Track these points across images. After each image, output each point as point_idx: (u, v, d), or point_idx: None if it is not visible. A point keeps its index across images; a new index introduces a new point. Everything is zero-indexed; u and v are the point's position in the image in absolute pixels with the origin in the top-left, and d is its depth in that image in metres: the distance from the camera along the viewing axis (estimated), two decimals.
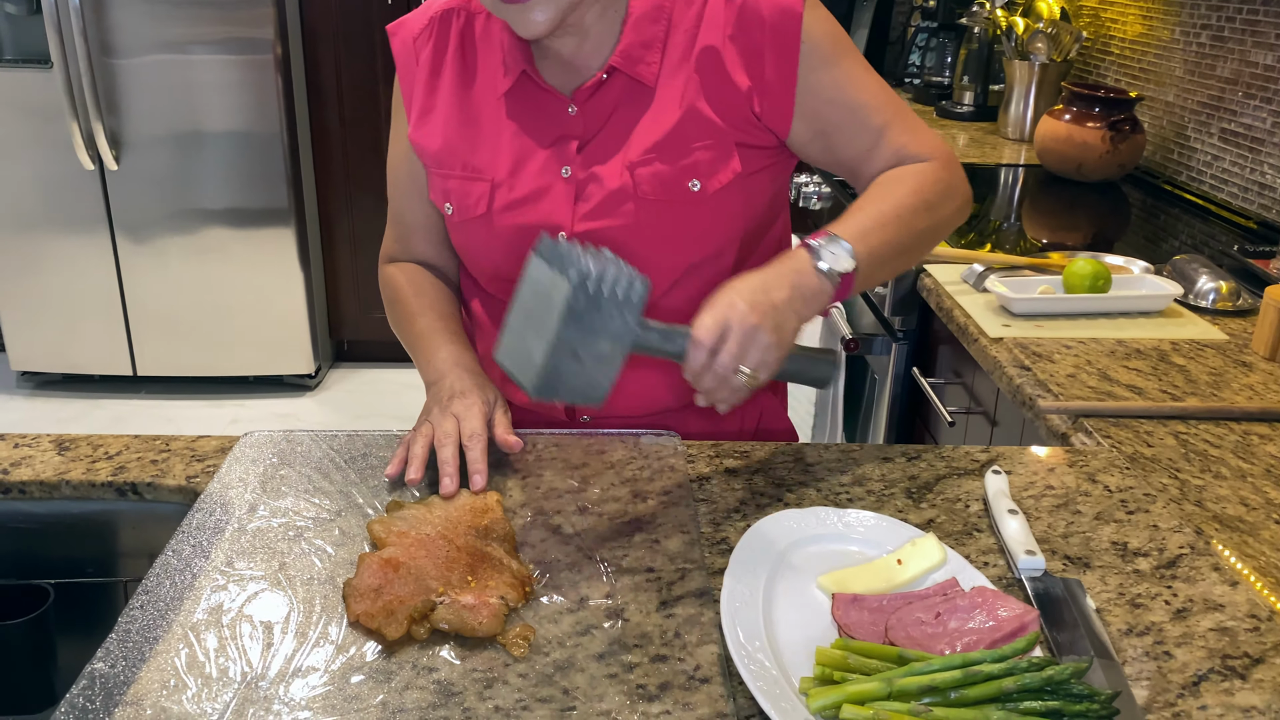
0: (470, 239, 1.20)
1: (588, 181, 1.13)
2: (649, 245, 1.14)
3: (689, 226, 1.14)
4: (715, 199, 1.13)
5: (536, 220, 1.15)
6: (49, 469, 1.07)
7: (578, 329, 0.89)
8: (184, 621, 0.84)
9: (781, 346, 0.97)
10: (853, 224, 1.06)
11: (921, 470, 1.10)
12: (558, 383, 0.91)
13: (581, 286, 0.87)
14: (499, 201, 1.15)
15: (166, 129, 3.29)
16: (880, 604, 0.85)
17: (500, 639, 0.81)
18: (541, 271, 0.91)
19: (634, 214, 1.12)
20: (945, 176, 1.15)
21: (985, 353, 1.46)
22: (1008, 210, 2.39)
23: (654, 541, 0.95)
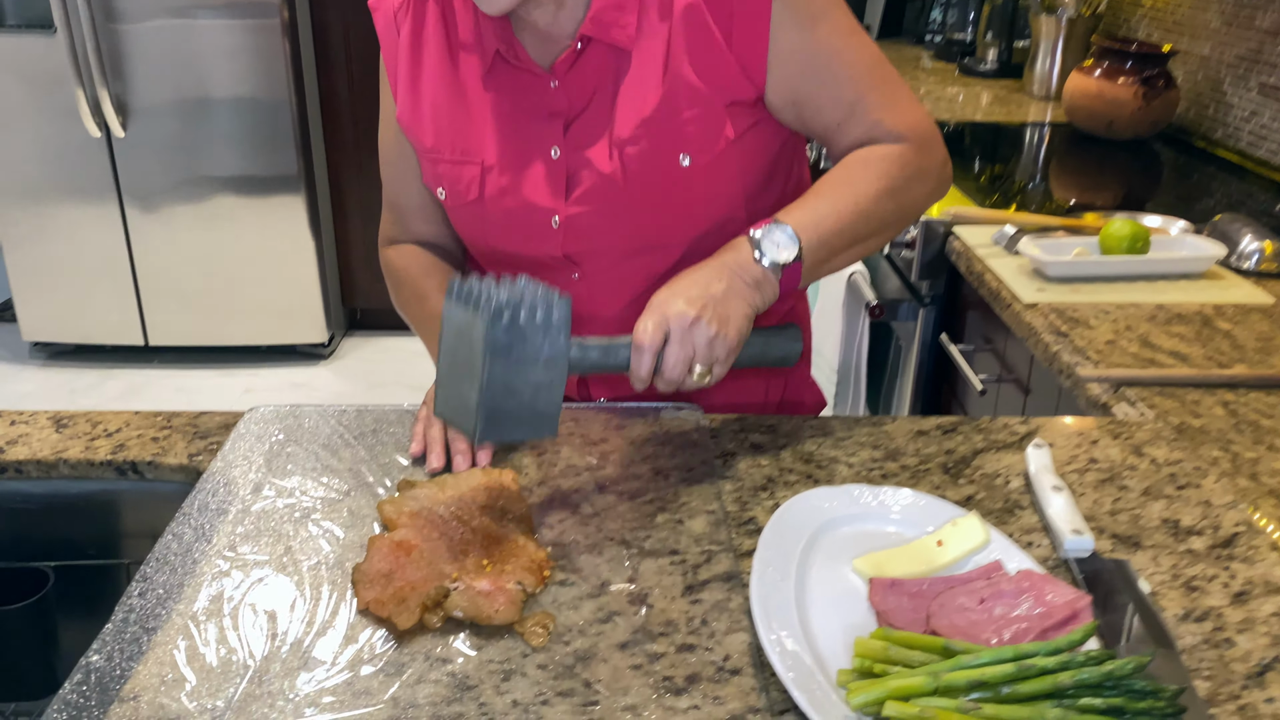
0: (466, 222, 1.15)
1: (577, 163, 1.07)
2: (646, 223, 1.08)
3: (685, 201, 1.08)
4: (709, 170, 1.07)
5: (528, 204, 1.09)
6: (46, 447, 1.03)
7: (505, 364, 0.85)
8: (184, 611, 0.79)
9: (729, 337, 0.93)
10: (805, 211, 1.01)
11: (958, 444, 1.04)
12: (500, 423, 0.87)
13: (496, 319, 0.83)
14: (490, 186, 1.10)
15: (173, 95, 3.23)
16: (920, 589, 0.80)
17: (518, 627, 0.77)
18: (457, 314, 0.87)
19: (625, 195, 1.07)
20: (917, 160, 1.07)
21: (1019, 319, 1.40)
22: (1033, 170, 2.31)
23: (677, 522, 0.90)
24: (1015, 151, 2.42)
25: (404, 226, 1.23)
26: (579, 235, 1.09)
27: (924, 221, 1.70)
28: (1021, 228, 1.59)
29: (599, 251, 1.10)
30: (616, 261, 1.11)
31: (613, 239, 1.09)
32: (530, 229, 1.10)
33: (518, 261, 1.13)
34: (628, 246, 1.09)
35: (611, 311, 1.14)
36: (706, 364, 0.93)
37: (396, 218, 1.23)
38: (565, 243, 1.09)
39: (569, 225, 1.08)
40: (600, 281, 1.12)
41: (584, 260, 1.11)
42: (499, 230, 1.12)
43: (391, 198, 1.23)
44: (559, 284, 1.12)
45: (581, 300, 1.13)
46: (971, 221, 1.66)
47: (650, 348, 0.91)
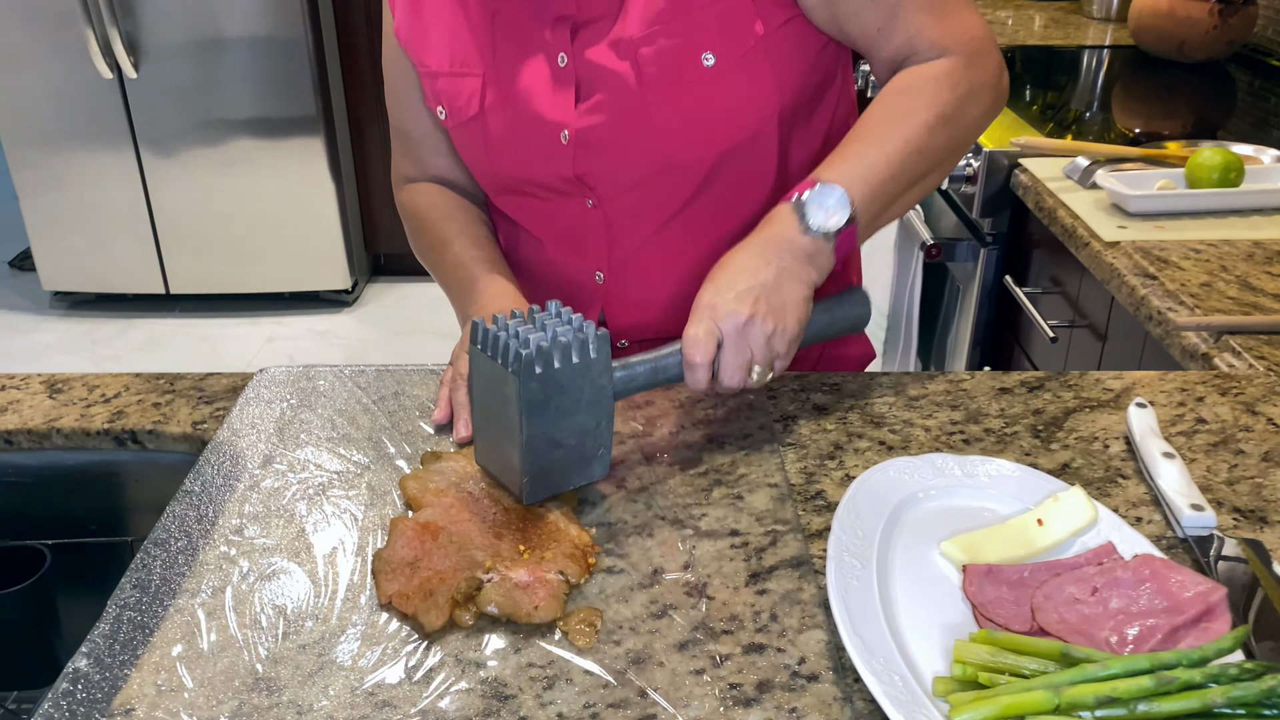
0: (468, 145, 1.04)
1: (587, 70, 0.95)
2: (666, 135, 0.96)
3: (709, 110, 0.95)
4: (737, 72, 0.94)
5: (533, 117, 0.98)
6: (38, 415, 0.94)
7: (545, 419, 0.75)
8: (183, 606, 0.70)
9: (789, 328, 0.83)
10: (850, 162, 0.89)
11: (1046, 403, 0.93)
12: (549, 478, 0.78)
13: (528, 375, 0.73)
14: (491, 99, 0.99)
15: (185, 35, 3.11)
16: (1021, 576, 0.70)
17: (561, 625, 0.67)
18: (485, 365, 0.77)
19: (641, 103, 0.94)
20: (968, 76, 0.93)
21: (1099, 259, 1.27)
22: (1091, 97, 2.16)
23: (736, 497, 0.80)
24: (1072, 77, 2.26)
25: (417, 161, 1.13)
26: (591, 151, 0.97)
27: (987, 153, 1.56)
28: (1096, 159, 1.45)
29: (614, 171, 0.99)
30: (635, 183, 0.99)
31: (629, 155, 0.97)
32: (537, 146, 0.98)
33: (526, 188, 1.02)
34: (646, 164, 0.98)
35: (631, 244, 1.03)
36: (767, 363, 0.83)
37: (407, 151, 1.13)
38: (576, 160, 0.98)
39: (579, 140, 0.97)
40: (618, 208, 1.01)
41: (598, 181, 0.99)
42: (503, 151, 1.01)
43: (398, 125, 1.12)
44: (572, 214, 1.02)
45: (598, 232, 1.02)
46: (1040, 153, 1.53)
47: (704, 360, 0.81)
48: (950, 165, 0.98)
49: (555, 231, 1.05)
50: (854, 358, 1.19)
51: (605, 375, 0.77)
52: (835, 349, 1.17)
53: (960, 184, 1.65)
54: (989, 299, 1.68)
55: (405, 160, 1.13)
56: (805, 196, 0.86)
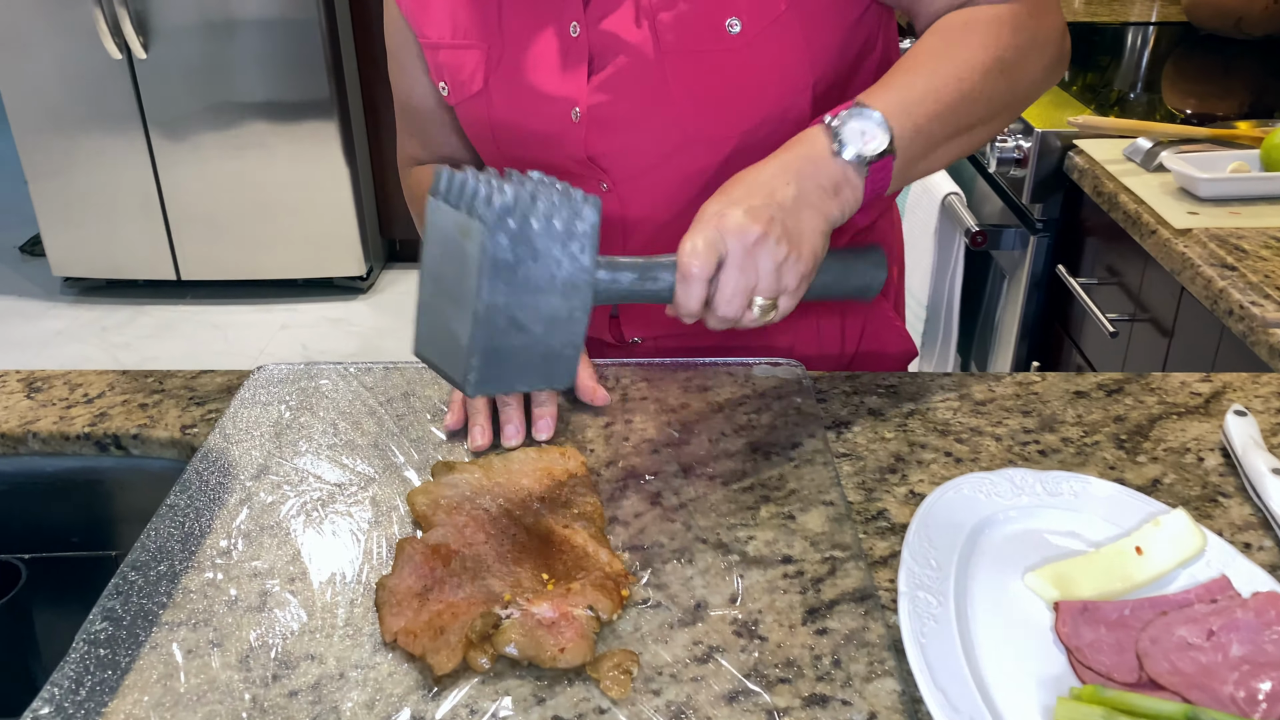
0: (473, 124, 0.95)
1: (601, 40, 0.87)
2: (686, 110, 0.86)
3: (734, 81, 0.86)
4: (764, 39, 0.85)
5: (541, 93, 0.89)
6: (13, 417, 0.85)
7: (510, 286, 0.63)
8: (160, 642, 0.62)
9: (802, 259, 0.71)
10: (895, 91, 0.77)
11: (1128, 408, 0.83)
12: (501, 368, 0.65)
13: (499, 225, 0.61)
14: (495, 73, 0.91)
15: (196, 14, 3.02)
16: (1122, 615, 0.60)
17: (591, 670, 0.58)
18: (446, 217, 0.64)
19: (660, 74, 0.85)
20: (1031, 23, 0.83)
21: (1168, 247, 1.17)
22: (1137, 76, 2.04)
23: (787, 517, 0.71)
24: (1115, 56, 2.14)
25: (424, 140, 1.03)
26: (605, 130, 0.88)
27: (1039, 134, 1.46)
28: (1159, 140, 1.35)
29: (630, 151, 0.89)
30: (652, 164, 0.90)
31: (646, 133, 0.88)
32: (545, 124, 0.90)
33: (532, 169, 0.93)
34: (664, 142, 0.88)
35: (646, 232, 0.94)
36: (772, 295, 0.70)
37: (413, 129, 1.04)
38: (589, 140, 0.89)
39: (592, 117, 0.88)
40: (633, 192, 0.92)
41: (612, 164, 0.90)
42: (509, 129, 0.93)
43: (403, 100, 1.03)
44: None
45: (611, 219, 0.93)
46: (1098, 133, 1.42)
47: (701, 274, 0.68)
48: (1002, 123, 0.87)
49: None
50: (894, 355, 1.09)
51: (589, 254, 0.64)
52: (874, 345, 1.07)
53: (1009, 167, 1.55)
54: (1037, 290, 1.58)
55: (411, 140, 1.05)
56: (839, 119, 0.74)
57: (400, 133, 1.06)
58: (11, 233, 3.90)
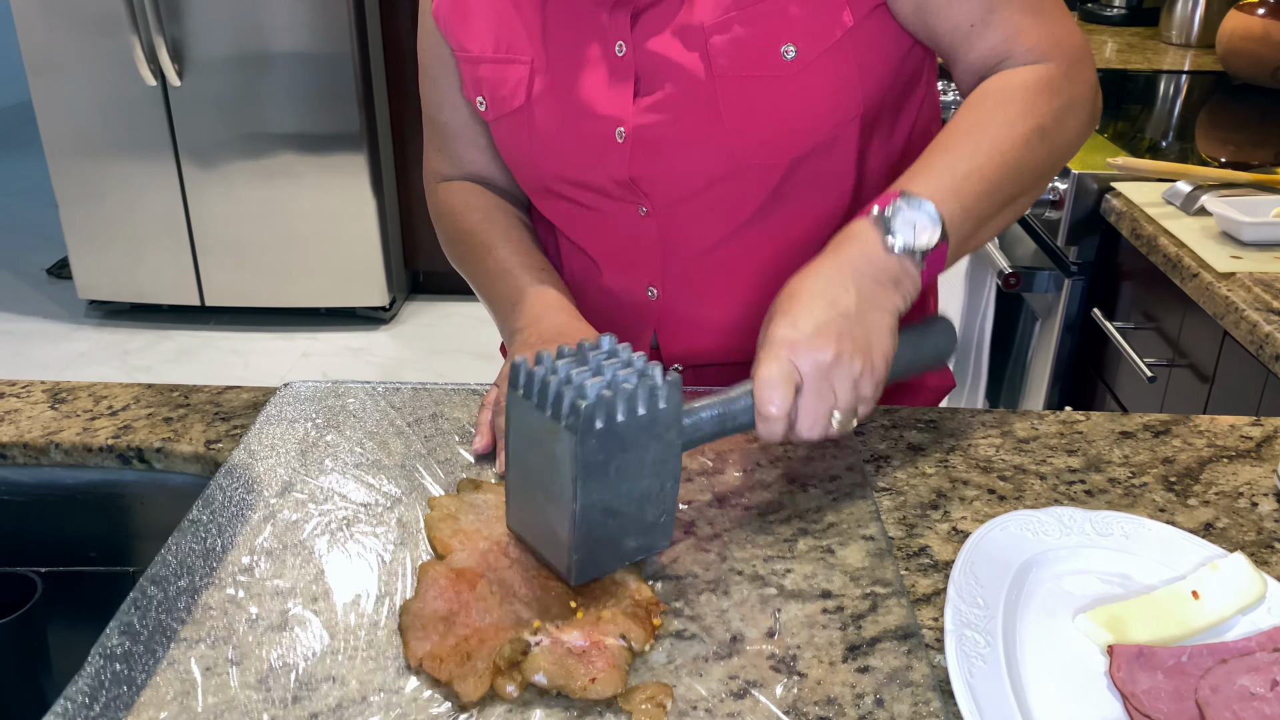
0: (511, 141, 0.93)
1: (649, 60, 0.85)
2: (737, 136, 0.85)
3: (786, 108, 0.84)
4: (818, 68, 0.83)
5: (585, 111, 0.87)
6: (36, 427, 0.84)
7: (603, 483, 0.62)
8: (178, 659, 0.60)
9: (877, 368, 0.70)
10: (939, 175, 0.76)
11: (1177, 450, 0.81)
12: (600, 555, 0.64)
13: (588, 429, 0.59)
14: (539, 89, 0.89)
15: (231, 45, 3.06)
16: (1179, 661, 0.58)
17: (623, 703, 0.56)
18: (528, 416, 0.63)
19: (711, 98, 0.84)
20: (1068, 87, 0.83)
21: (1210, 292, 1.15)
22: (1169, 124, 2.03)
23: (826, 551, 0.68)
24: (1148, 103, 2.13)
25: (452, 157, 1.01)
26: (650, 152, 0.86)
27: (1076, 176, 1.44)
28: (1200, 183, 1.33)
29: (674, 175, 0.87)
30: (696, 190, 0.87)
31: (692, 158, 0.86)
32: (587, 144, 0.88)
33: (572, 191, 0.92)
34: (712, 168, 0.86)
35: (688, 257, 0.92)
36: (851, 410, 0.69)
37: (442, 144, 1.01)
38: (632, 162, 0.87)
39: (637, 139, 0.86)
40: (675, 217, 0.90)
41: (654, 187, 0.88)
42: (549, 147, 0.90)
43: (433, 115, 1.01)
44: (623, 222, 0.90)
45: (652, 243, 0.91)
46: (1136, 176, 1.40)
47: (779, 413, 0.67)
48: (1042, 187, 0.87)
49: (603, 241, 0.95)
50: (933, 388, 1.07)
51: (675, 429, 0.64)
52: (912, 378, 1.05)
53: (1044, 209, 1.53)
54: (1071, 333, 1.56)
55: (439, 156, 1.02)
56: (890, 210, 0.74)
57: (428, 148, 1.04)
58: (39, 255, 3.94)
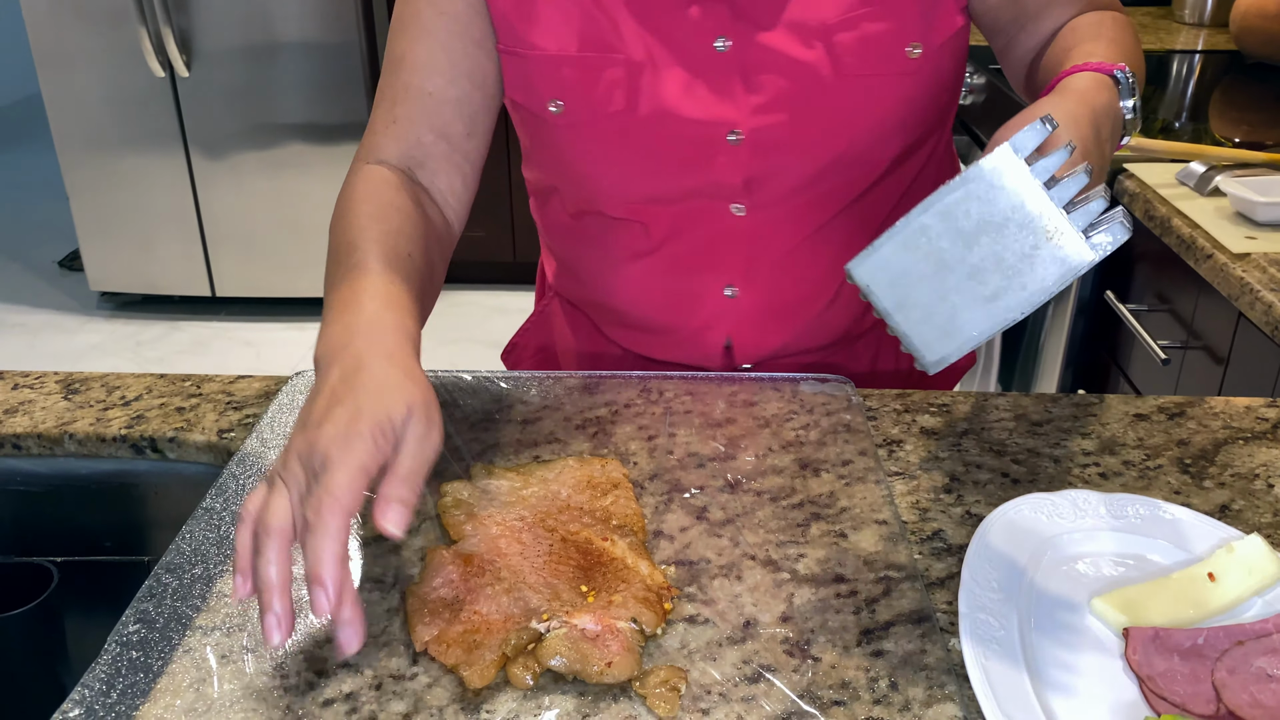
0: (598, 148, 0.85)
1: (755, 56, 0.81)
2: (851, 135, 0.83)
3: (903, 105, 0.83)
4: (932, 65, 0.83)
5: (693, 115, 0.82)
6: (50, 418, 0.84)
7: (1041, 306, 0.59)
8: (193, 646, 0.60)
9: None
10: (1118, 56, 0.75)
11: (1192, 432, 0.80)
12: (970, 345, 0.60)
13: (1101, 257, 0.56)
14: (636, 91, 0.82)
15: (239, 36, 3.06)
16: (1195, 643, 0.57)
17: (637, 687, 0.56)
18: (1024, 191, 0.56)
19: (830, 97, 0.81)
20: None
21: (1224, 273, 1.14)
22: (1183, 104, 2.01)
23: (839, 535, 0.68)
24: (1160, 84, 2.11)
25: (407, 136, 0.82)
26: (763, 153, 0.83)
27: None
28: (1214, 164, 1.32)
29: (780, 173, 0.84)
30: (798, 187, 0.85)
31: (807, 157, 0.83)
32: (695, 147, 0.83)
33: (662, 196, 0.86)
34: (822, 166, 0.84)
35: (776, 253, 0.88)
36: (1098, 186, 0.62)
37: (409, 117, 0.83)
38: (749, 164, 0.83)
39: (755, 141, 0.82)
40: (771, 216, 0.86)
41: (759, 188, 0.85)
42: (650, 152, 0.84)
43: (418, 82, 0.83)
44: (710, 221, 0.86)
45: (739, 241, 0.88)
46: (1150, 157, 1.39)
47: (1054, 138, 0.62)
48: None
49: (683, 240, 0.89)
50: (955, 367, 1.06)
51: None
52: None
53: None
54: (1083, 316, 1.55)
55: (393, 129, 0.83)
56: (1126, 79, 0.72)
57: (379, 122, 0.84)
58: (51, 247, 3.95)
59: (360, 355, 0.61)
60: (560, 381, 0.87)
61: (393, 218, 0.76)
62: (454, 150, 0.84)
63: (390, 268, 0.70)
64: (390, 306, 0.66)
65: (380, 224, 0.74)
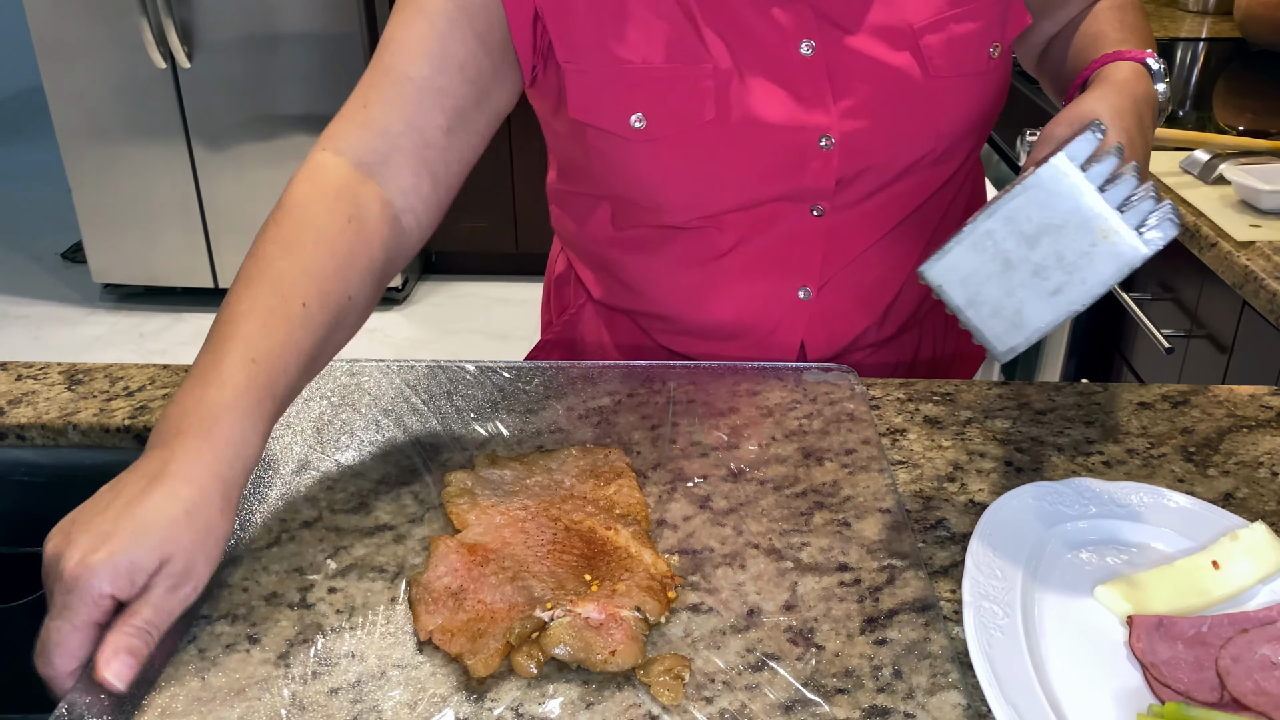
0: (685, 160, 0.81)
1: (841, 59, 0.80)
2: (936, 136, 0.83)
3: (981, 104, 0.85)
4: (1004, 61, 0.85)
5: (783, 120, 0.80)
6: (54, 408, 0.84)
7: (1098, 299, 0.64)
8: (196, 636, 0.60)
9: None
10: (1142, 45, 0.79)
11: (1196, 420, 0.80)
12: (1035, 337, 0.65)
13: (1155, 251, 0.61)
14: (735, 99, 0.79)
15: (240, 27, 3.06)
16: (1199, 631, 0.57)
17: (641, 675, 0.56)
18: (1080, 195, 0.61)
19: (919, 99, 0.81)
20: None
21: (1228, 261, 1.14)
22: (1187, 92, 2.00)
23: (842, 524, 0.68)
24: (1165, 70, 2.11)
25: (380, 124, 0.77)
26: (854, 157, 0.82)
27: None
28: (1218, 152, 1.31)
29: (865, 175, 0.83)
30: (879, 187, 0.84)
31: (893, 158, 0.83)
32: (791, 156, 0.81)
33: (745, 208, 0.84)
34: (907, 166, 0.84)
35: (851, 254, 0.88)
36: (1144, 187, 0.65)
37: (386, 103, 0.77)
38: (842, 167, 0.82)
39: (847, 145, 0.81)
40: (850, 217, 0.85)
41: (845, 189, 0.84)
42: (741, 163, 0.81)
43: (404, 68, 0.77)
44: (788, 224, 0.85)
45: (816, 243, 0.86)
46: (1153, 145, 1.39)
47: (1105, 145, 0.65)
48: None
49: (758, 244, 0.87)
50: (973, 355, 1.06)
51: None
52: (947, 349, 1.03)
53: None
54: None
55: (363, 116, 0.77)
56: (1158, 67, 0.76)
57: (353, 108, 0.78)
58: (54, 239, 3.95)
59: (165, 465, 0.59)
60: (563, 371, 0.87)
61: (306, 249, 0.70)
62: (426, 145, 0.78)
63: (268, 333, 0.65)
64: (236, 403, 0.61)
65: (287, 258, 0.69)
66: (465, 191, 0.89)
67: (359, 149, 0.77)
